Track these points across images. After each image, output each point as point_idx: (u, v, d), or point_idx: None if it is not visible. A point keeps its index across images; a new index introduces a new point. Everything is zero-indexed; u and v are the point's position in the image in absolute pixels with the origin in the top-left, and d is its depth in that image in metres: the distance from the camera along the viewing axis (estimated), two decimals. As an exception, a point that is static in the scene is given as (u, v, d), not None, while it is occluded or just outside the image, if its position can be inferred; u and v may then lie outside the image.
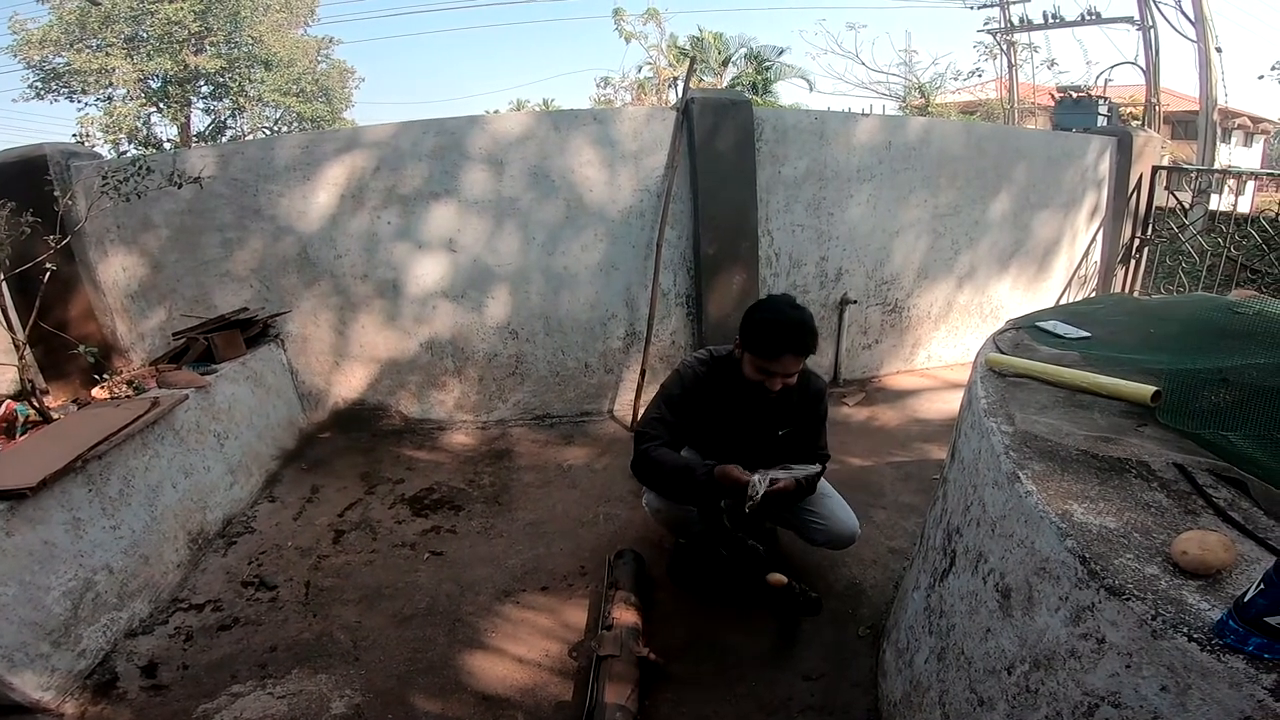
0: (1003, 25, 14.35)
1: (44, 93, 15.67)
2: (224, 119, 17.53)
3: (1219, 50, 10.26)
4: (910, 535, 2.56)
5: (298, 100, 17.31)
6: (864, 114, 4.45)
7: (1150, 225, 4.90)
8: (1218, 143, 11.15)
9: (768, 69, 19.29)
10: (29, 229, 2.55)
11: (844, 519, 2.22)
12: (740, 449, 2.26)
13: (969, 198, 4.25)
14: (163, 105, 16.26)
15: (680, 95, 3.64)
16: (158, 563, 2.41)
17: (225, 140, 16.11)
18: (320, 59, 18.59)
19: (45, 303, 2.69)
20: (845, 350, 4.22)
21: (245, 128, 17.54)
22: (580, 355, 3.85)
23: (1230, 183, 5.80)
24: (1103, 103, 7.12)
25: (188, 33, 15.25)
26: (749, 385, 2.04)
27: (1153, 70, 11.20)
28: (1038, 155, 4.42)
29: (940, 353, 4.57)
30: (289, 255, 3.53)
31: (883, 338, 4.36)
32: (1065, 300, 4.80)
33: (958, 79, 16.55)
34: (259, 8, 16.16)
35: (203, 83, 16.60)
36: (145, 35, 15.40)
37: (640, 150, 3.55)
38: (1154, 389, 1.32)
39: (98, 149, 3.96)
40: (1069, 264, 4.83)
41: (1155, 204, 4.88)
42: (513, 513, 2.94)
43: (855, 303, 4.13)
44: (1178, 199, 4.99)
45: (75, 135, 3.60)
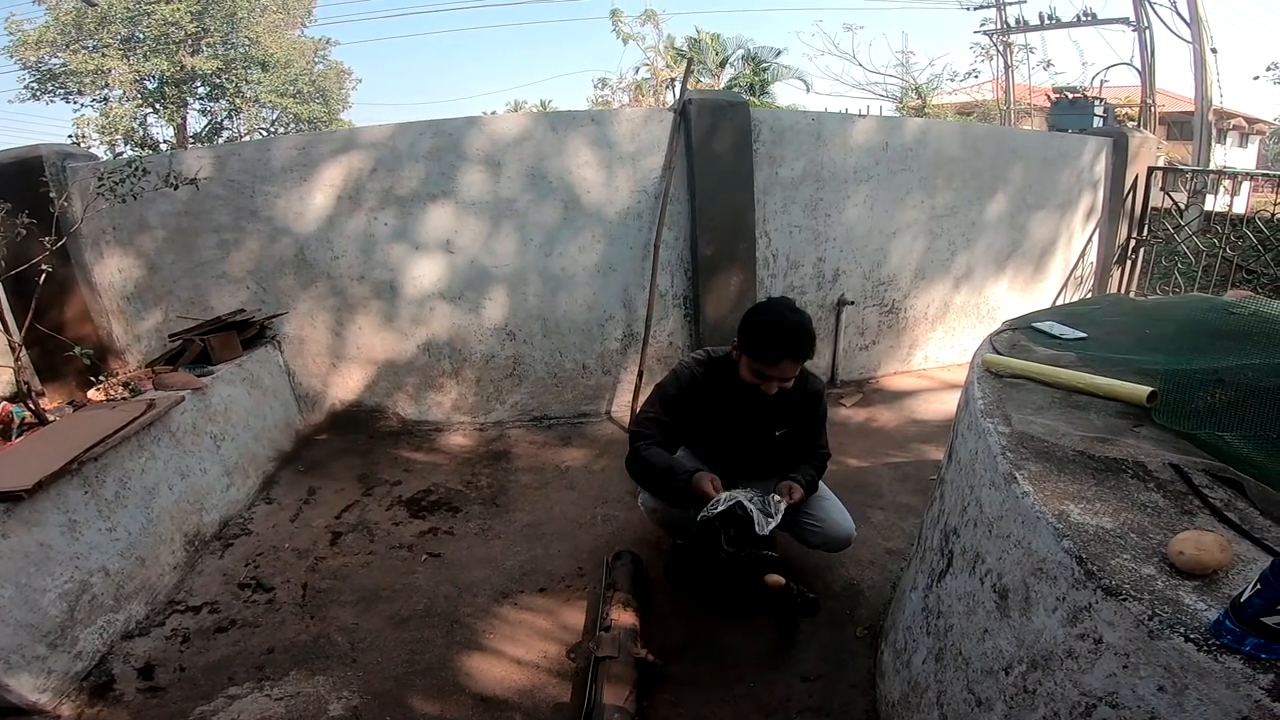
0: (999, 26, 14.38)
1: (40, 93, 15.66)
2: (220, 120, 17.53)
3: (1214, 51, 10.29)
4: (908, 536, 2.56)
5: (294, 101, 17.31)
6: (861, 115, 4.45)
7: (1146, 226, 4.91)
8: (1213, 143, 11.18)
9: (765, 70, 19.35)
10: (25, 230, 2.54)
11: (840, 521, 2.21)
12: (737, 450, 2.27)
13: (966, 199, 4.25)
14: (159, 106, 16.25)
15: (677, 96, 3.64)
16: (154, 565, 2.40)
17: (222, 141, 16.09)
18: (317, 60, 18.61)
19: (41, 304, 2.67)
20: (842, 351, 4.23)
21: (242, 129, 17.54)
22: (578, 356, 3.85)
23: (1226, 183, 5.82)
24: (1099, 103, 7.13)
25: (184, 34, 15.24)
26: (746, 386, 2.04)
27: (1148, 71, 11.23)
28: (1034, 156, 4.43)
29: (937, 353, 4.58)
30: (286, 257, 3.52)
31: (880, 339, 4.36)
32: (1062, 301, 4.81)
33: (954, 80, 16.62)
34: (256, 9, 16.16)
35: (199, 84, 16.60)
36: (142, 36, 15.40)
37: (637, 151, 3.55)
38: (1150, 389, 1.33)
39: (94, 150, 3.96)
40: (1065, 265, 4.84)
41: (1151, 205, 4.90)
42: (510, 514, 2.94)
43: (852, 304, 4.13)
44: (1173, 200, 5.01)
45: (71, 136, 3.59)
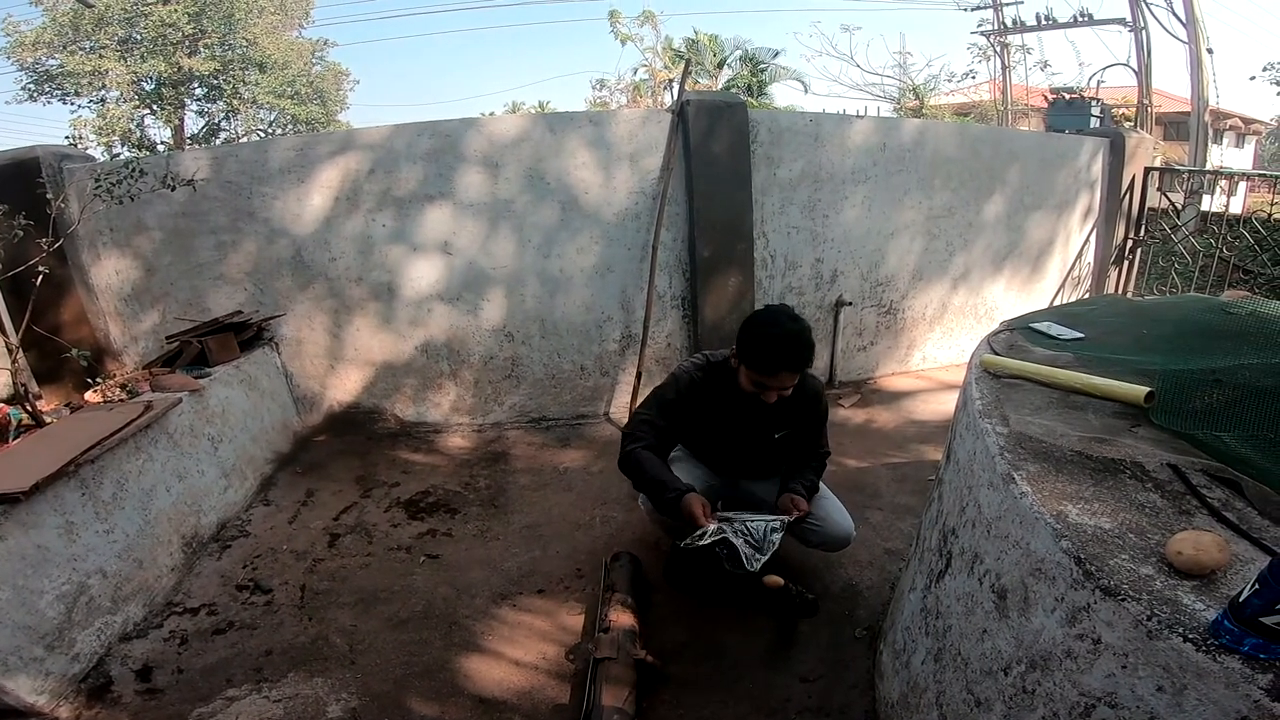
0: (996, 27, 14.41)
1: (37, 95, 15.61)
2: (218, 121, 17.50)
3: (1210, 51, 10.33)
4: (906, 536, 2.56)
5: (292, 103, 17.27)
6: (858, 116, 4.45)
7: (1143, 226, 4.92)
8: (1210, 144, 11.22)
9: (763, 71, 19.38)
10: (22, 232, 2.53)
11: (839, 521, 2.22)
12: (738, 452, 2.28)
13: (963, 199, 4.26)
14: (156, 107, 16.20)
15: (675, 97, 3.65)
16: (151, 566, 2.39)
17: (219, 143, 16.07)
18: (315, 61, 18.55)
19: (38, 306, 2.67)
20: (841, 352, 4.23)
21: (239, 130, 17.50)
22: (576, 358, 3.85)
23: (1222, 184, 5.83)
24: (1095, 104, 7.14)
25: (181, 35, 15.19)
26: (746, 392, 2.05)
27: (1145, 71, 11.27)
28: (1031, 157, 4.44)
29: (935, 354, 4.59)
30: (283, 258, 3.51)
31: (878, 339, 4.36)
32: (1059, 301, 4.82)
33: (952, 81, 16.64)
34: (253, 10, 16.10)
35: (197, 85, 16.55)
36: (139, 37, 15.35)
37: (635, 152, 3.55)
38: (1147, 390, 1.33)
39: (91, 151, 3.95)
40: (1063, 265, 4.85)
41: (1148, 205, 4.91)
42: (509, 516, 2.94)
43: (850, 304, 4.14)
44: (1170, 200, 5.01)
45: (68, 137, 3.58)
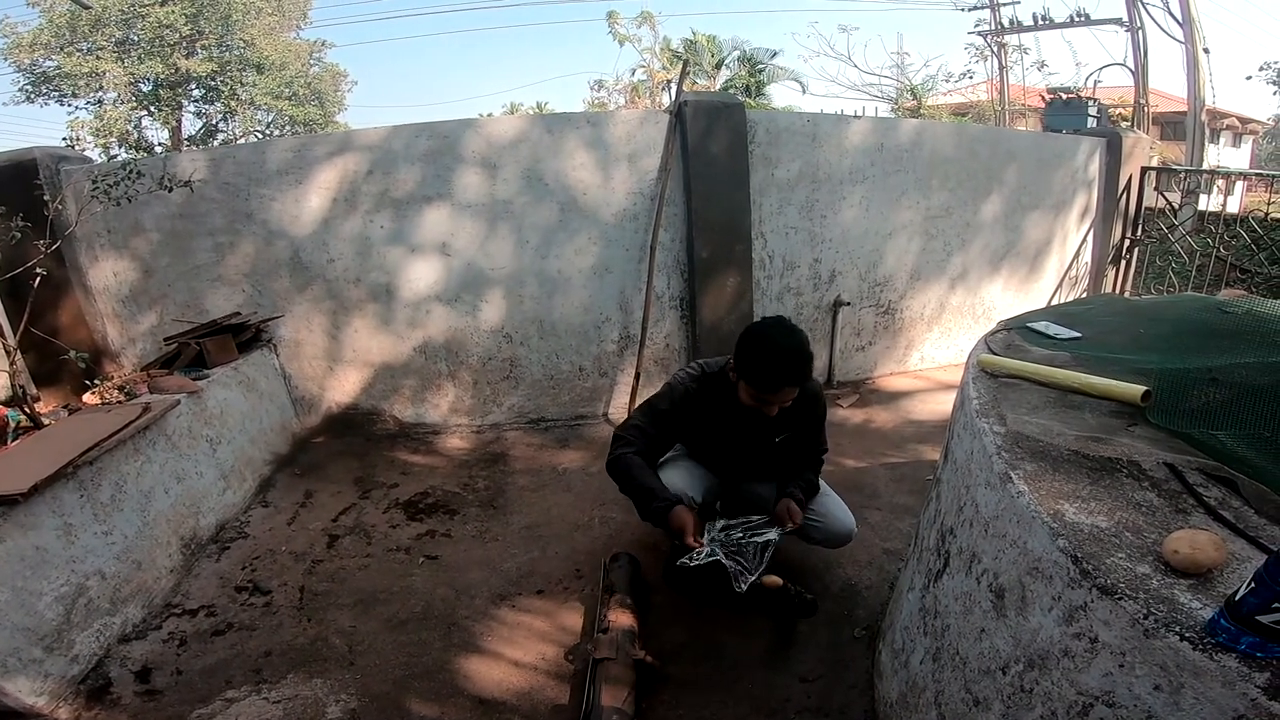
0: (993, 27, 14.43)
1: (34, 96, 15.59)
2: (215, 123, 17.48)
3: (1206, 51, 10.35)
4: (905, 536, 2.57)
5: (290, 104, 17.26)
6: (856, 116, 4.46)
7: (1140, 226, 4.94)
8: (1206, 143, 11.24)
9: (761, 71, 19.40)
10: (19, 234, 2.53)
11: (841, 518, 2.23)
12: (737, 457, 2.28)
13: (961, 199, 4.27)
14: (154, 109, 16.19)
15: (673, 98, 3.65)
16: (150, 568, 2.39)
17: (217, 144, 16.05)
18: (312, 62, 18.54)
19: (36, 308, 2.66)
20: (839, 352, 4.24)
21: (237, 131, 17.48)
22: (574, 359, 3.85)
23: (1219, 183, 5.85)
24: (1092, 104, 7.16)
25: (179, 36, 15.18)
26: (744, 404, 2.05)
27: (1141, 71, 11.29)
28: (1028, 157, 4.45)
29: (933, 354, 4.59)
30: (281, 259, 3.51)
31: (876, 339, 4.37)
32: (1057, 301, 4.83)
33: (949, 81, 16.64)
34: (250, 11, 16.09)
35: (194, 86, 16.53)
36: (136, 39, 15.33)
37: (633, 153, 3.56)
38: (1144, 389, 1.33)
39: (88, 153, 3.95)
40: (1060, 265, 4.85)
41: (1145, 204, 4.92)
42: (508, 517, 2.94)
43: (849, 305, 4.14)
44: (1167, 199, 5.02)
45: (65, 139, 3.58)
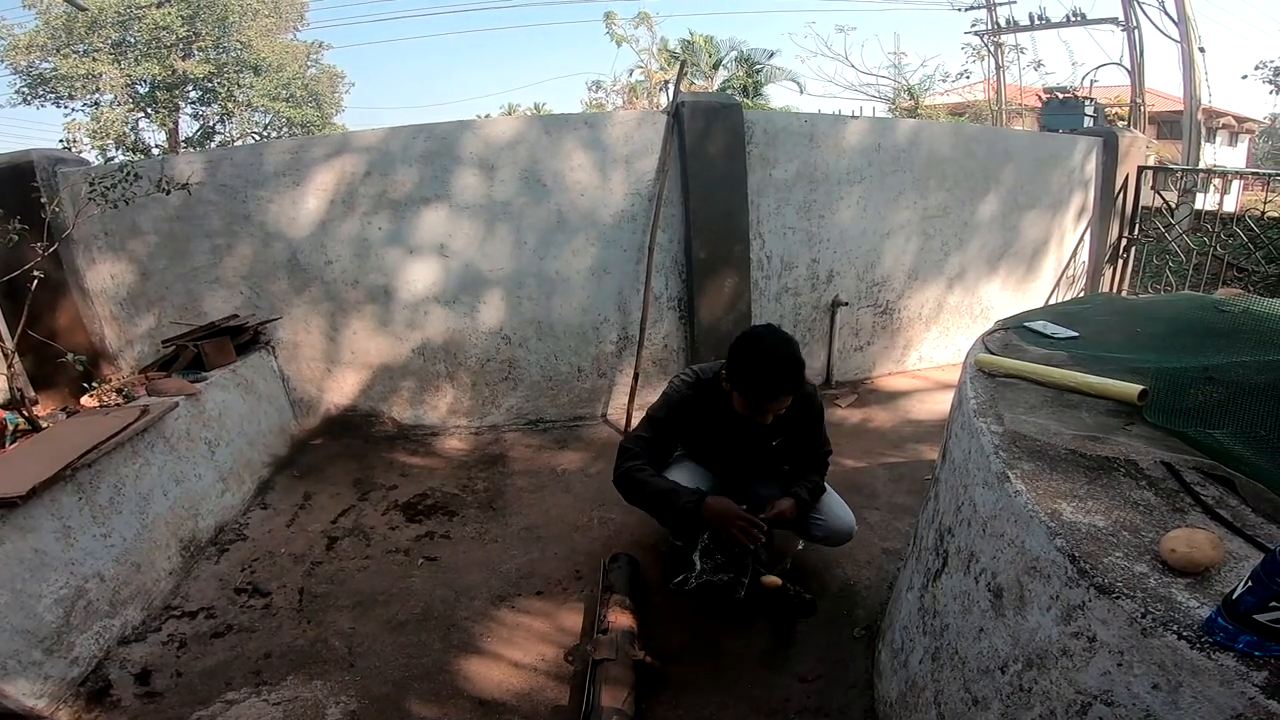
0: (990, 27, 14.44)
1: (31, 98, 15.57)
2: (212, 124, 17.44)
3: (1202, 50, 10.37)
4: (904, 536, 2.57)
5: (287, 105, 17.24)
6: (853, 116, 4.46)
7: (1137, 225, 4.95)
8: (1203, 142, 11.25)
9: (758, 72, 19.40)
10: (16, 236, 2.53)
11: (841, 515, 2.25)
12: (736, 461, 2.29)
13: (958, 199, 4.27)
14: (151, 111, 16.16)
15: (671, 99, 3.65)
16: (149, 570, 2.39)
17: (214, 146, 16.03)
18: (310, 64, 18.52)
19: (34, 311, 2.66)
20: (837, 352, 4.24)
21: (234, 133, 17.47)
22: (573, 360, 3.85)
23: (1216, 182, 5.86)
24: (1089, 103, 7.15)
25: (175, 38, 15.16)
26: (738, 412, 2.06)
27: (1137, 71, 11.31)
28: (1025, 156, 4.45)
29: (931, 354, 4.60)
30: (279, 261, 3.51)
31: (874, 339, 4.37)
32: (1054, 300, 4.83)
33: (946, 81, 16.65)
34: (247, 13, 16.07)
35: (191, 88, 16.49)
36: (133, 40, 15.31)
37: (631, 154, 3.56)
38: (1141, 388, 1.33)
39: (85, 155, 3.94)
40: (1057, 264, 4.86)
41: (1142, 204, 4.93)
42: (507, 518, 2.94)
43: (847, 305, 4.15)
44: (1164, 199, 5.03)
45: (62, 141, 3.57)
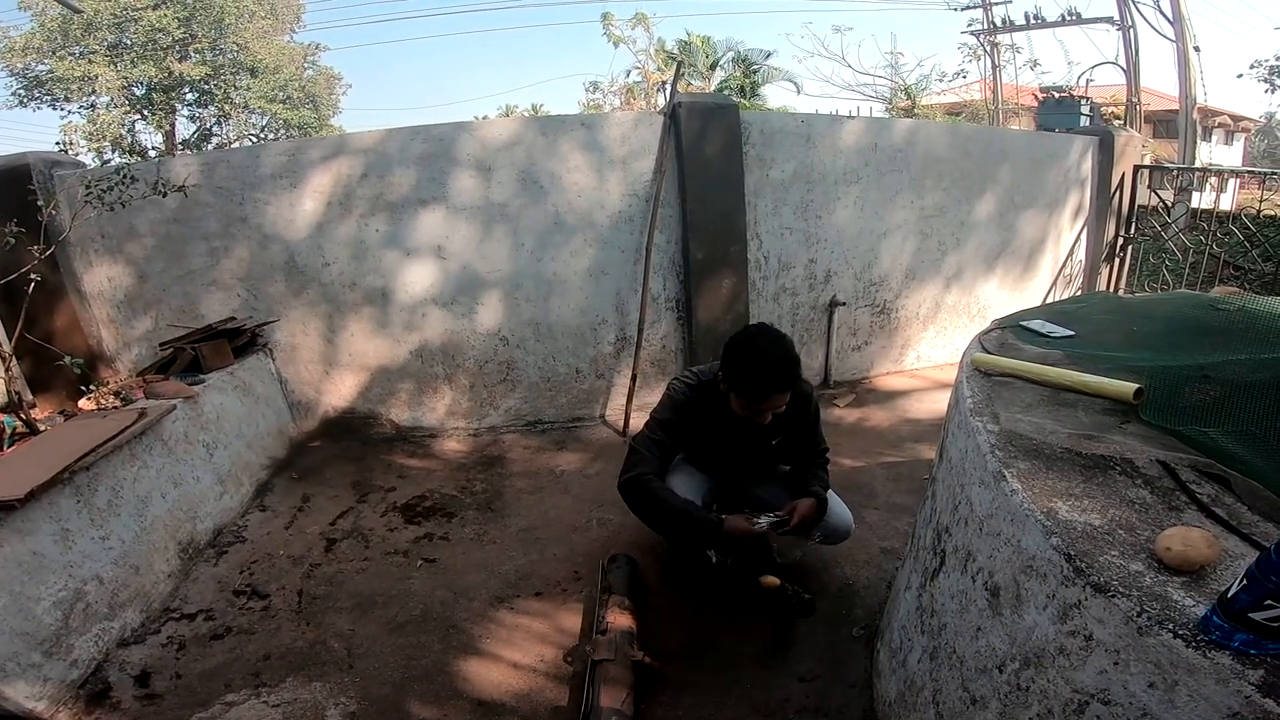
0: (986, 26, 14.46)
1: (27, 100, 15.52)
2: (209, 126, 17.42)
3: (1197, 49, 10.39)
4: (902, 535, 2.57)
5: (284, 107, 17.20)
6: (850, 116, 4.47)
7: (1133, 224, 4.96)
8: (1199, 141, 11.29)
9: (755, 72, 19.40)
10: (13, 239, 2.53)
11: (840, 513, 2.27)
12: (736, 462, 2.31)
13: (955, 199, 4.28)
14: (147, 113, 16.12)
15: (668, 99, 3.65)
16: (148, 573, 2.39)
17: (211, 148, 16.00)
18: (307, 65, 18.49)
19: (31, 313, 2.66)
20: (835, 352, 4.24)
21: (231, 135, 17.43)
22: (571, 361, 3.85)
23: (1212, 181, 5.87)
24: (1085, 103, 7.16)
25: (172, 40, 15.12)
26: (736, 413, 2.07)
27: (1133, 70, 11.32)
28: (1021, 156, 4.46)
29: (929, 353, 4.60)
30: (276, 263, 3.51)
31: (872, 339, 4.38)
32: (1051, 299, 4.84)
33: (943, 80, 16.69)
34: (244, 14, 16.04)
35: (187, 90, 16.46)
36: (129, 42, 15.27)
37: (628, 155, 3.56)
38: (1136, 386, 1.34)
39: (81, 157, 3.94)
40: (1054, 263, 4.87)
41: (1138, 202, 4.94)
42: (505, 519, 2.94)
43: (844, 304, 4.15)
44: (1160, 197, 5.05)
45: (59, 143, 3.56)
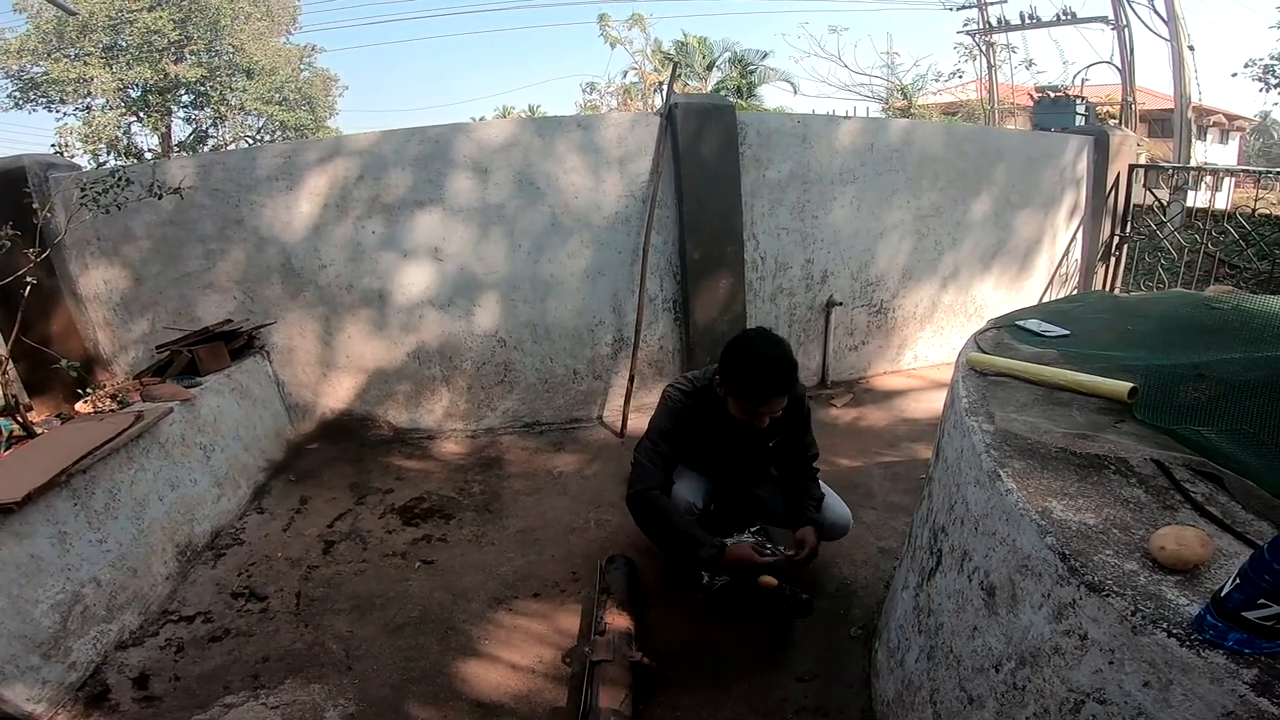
0: (981, 26, 14.48)
1: (22, 102, 15.46)
2: (205, 128, 17.37)
3: (1191, 48, 10.40)
4: (900, 535, 2.58)
5: (280, 109, 17.16)
6: (846, 117, 4.48)
7: (1129, 223, 4.97)
8: (1194, 140, 11.31)
9: (752, 73, 19.40)
10: (8, 242, 2.52)
11: (839, 510, 2.29)
12: (733, 465, 2.32)
13: (951, 199, 4.29)
14: (143, 114, 16.08)
15: (664, 100, 3.66)
16: (146, 575, 2.39)
17: (207, 150, 15.96)
18: (303, 67, 18.45)
19: (27, 317, 2.65)
20: (832, 352, 4.25)
21: (227, 137, 17.39)
22: (568, 362, 3.85)
23: (1207, 179, 5.89)
24: (1080, 102, 7.18)
25: (167, 41, 15.09)
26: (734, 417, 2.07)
27: (1128, 69, 11.34)
28: (1017, 155, 4.47)
29: (926, 353, 4.61)
30: (273, 266, 3.50)
31: (869, 339, 4.39)
32: (1047, 298, 4.85)
33: (939, 80, 16.71)
34: (239, 16, 16.01)
35: (183, 91, 16.43)
36: (124, 44, 15.24)
37: (625, 156, 3.56)
38: (1130, 386, 1.34)
39: (77, 159, 3.93)
40: (1050, 262, 4.88)
41: (1134, 202, 4.96)
42: (504, 520, 2.94)
43: (841, 304, 4.16)
44: (1156, 196, 5.06)
45: (54, 146, 3.55)
